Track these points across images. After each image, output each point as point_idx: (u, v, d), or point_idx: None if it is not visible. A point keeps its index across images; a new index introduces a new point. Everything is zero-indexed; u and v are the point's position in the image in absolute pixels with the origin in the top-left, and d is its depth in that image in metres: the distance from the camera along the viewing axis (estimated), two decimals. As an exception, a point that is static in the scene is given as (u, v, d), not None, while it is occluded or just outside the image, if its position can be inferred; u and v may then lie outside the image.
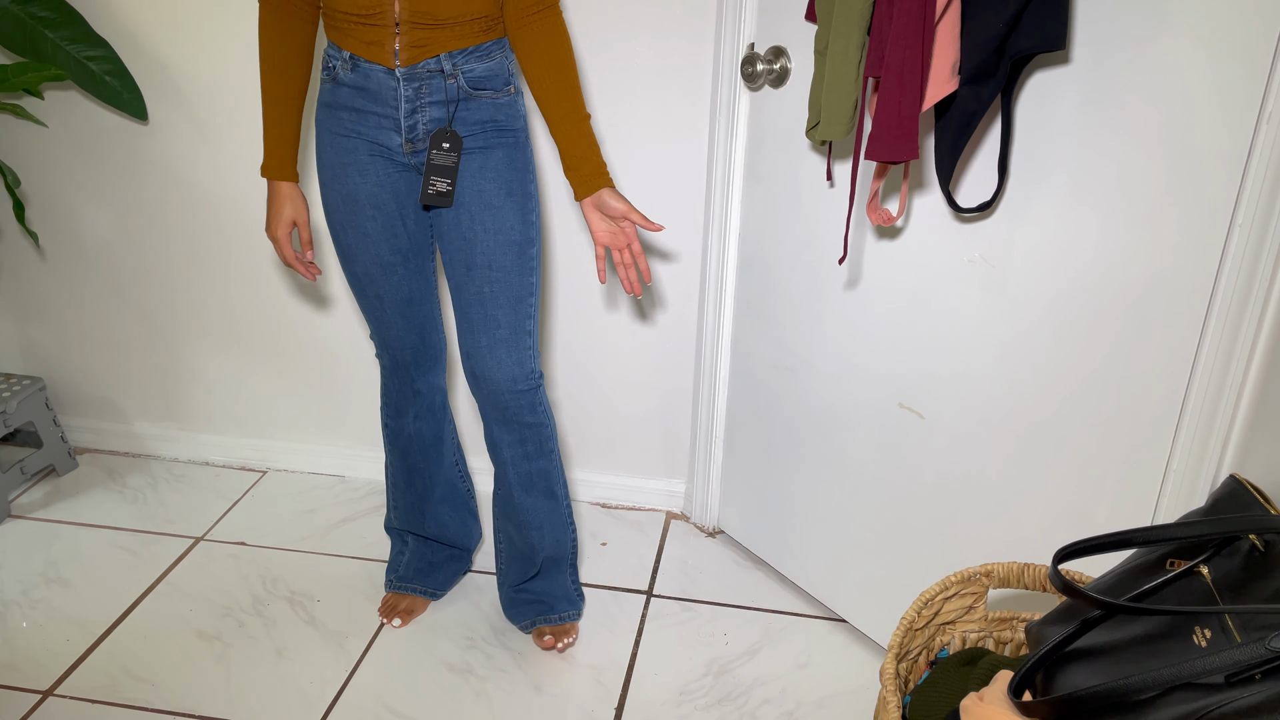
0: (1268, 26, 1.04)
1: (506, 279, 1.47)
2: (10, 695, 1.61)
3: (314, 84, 1.86)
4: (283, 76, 1.42)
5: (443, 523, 1.80)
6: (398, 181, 1.47)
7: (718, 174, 1.76)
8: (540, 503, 1.63)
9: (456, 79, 1.39)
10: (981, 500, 1.47)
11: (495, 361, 1.50)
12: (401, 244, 1.51)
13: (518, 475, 1.60)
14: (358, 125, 1.42)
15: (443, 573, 1.84)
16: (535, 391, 1.54)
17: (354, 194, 1.46)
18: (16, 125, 2.02)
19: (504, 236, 1.45)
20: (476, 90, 1.41)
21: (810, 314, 1.67)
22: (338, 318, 2.09)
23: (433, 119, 1.41)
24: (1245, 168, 1.08)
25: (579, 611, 1.77)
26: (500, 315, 1.48)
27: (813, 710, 1.61)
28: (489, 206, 1.44)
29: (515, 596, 1.75)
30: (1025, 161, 1.28)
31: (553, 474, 1.62)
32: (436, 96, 1.39)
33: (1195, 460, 1.21)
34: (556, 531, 1.67)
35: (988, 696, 0.96)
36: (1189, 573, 0.94)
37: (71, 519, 2.08)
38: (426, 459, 1.72)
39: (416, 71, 1.37)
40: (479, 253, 1.45)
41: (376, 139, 1.43)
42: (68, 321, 2.22)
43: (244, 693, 1.63)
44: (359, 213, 1.48)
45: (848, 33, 1.24)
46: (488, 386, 1.52)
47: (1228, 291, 1.13)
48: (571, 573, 1.74)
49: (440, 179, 1.42)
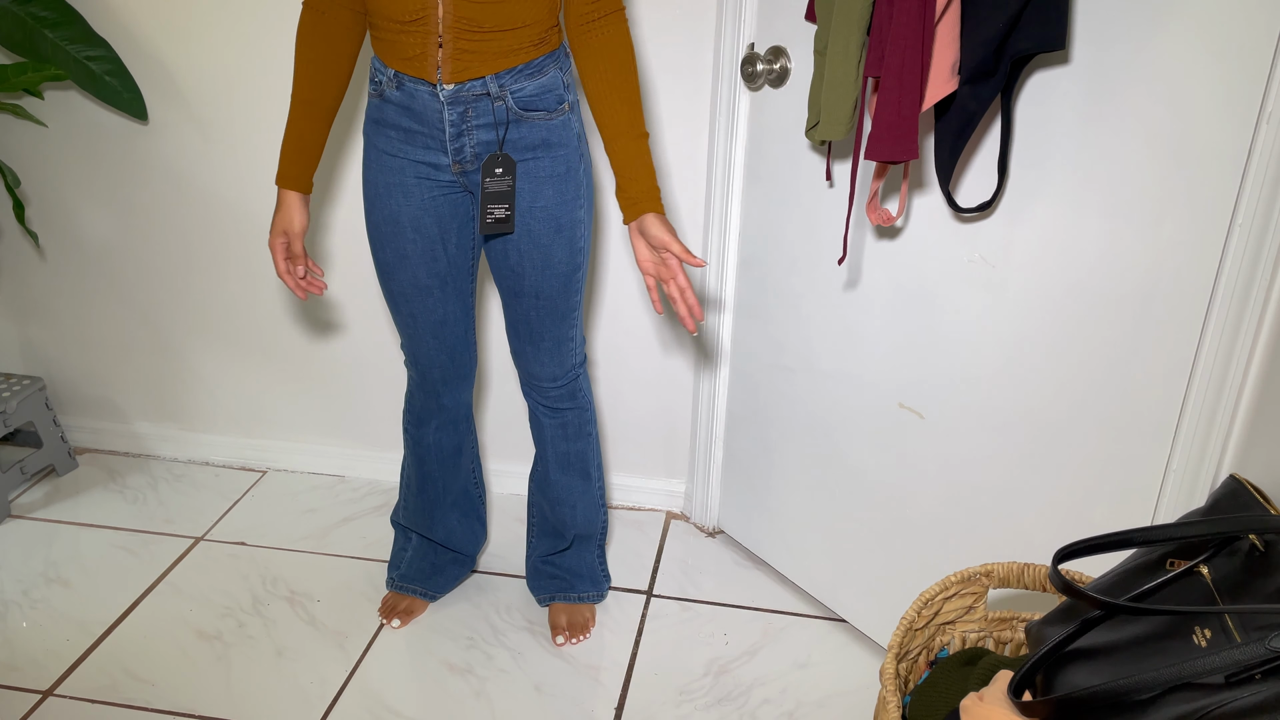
0: (1268, 26, 1.04)
1: (552, 305, 1.49)
2: (10, 695, 1.61)
3: (360, 97, 1.86)
4: (313, 84, 1.39)
5: (450, 528, 1.80)
6: (442, 205, 1.44)
7: (718, 174, 1.76)
8: (575, 482, 1.69)
9: (505, 100, 1.34)
10: (981, 500, 1.47)
11: (539, 365, 1.57)
12: (440, 268, 1.49)
13: (555, 454, 1.67)
14: (404, 145, 1.39)
15: (444, 576, 1.84)
16: (575, 381, 1.61)
17: (396, 216, 1.44)
18: (16, 125, 2.02)
19: (551, 270, 1.46)
20: (527, 111, 1.36)
21: (810, 314, 1.67)
22: (339, 318, 2.09)
23: (480, 142, 1.37)
24: (1245, 168, 1.08)
25: (601, 593, 1.80)
26: (545, 331, 1.53)
27: (813, 710, 1.61)
28: (537, 245, 1.43)
29: (540, 568, 1.79)
30: (1025, 161, 1.28)
31: (589, 456, 1.69)
32: (484, 119, 1.35)
33: (1195, 460, 1.21)
34: (588, 511, 1.73)
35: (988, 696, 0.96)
36: (1189, 573, 0.94)
37: (71, 519, 2.08)
38: (443, 468, 1.73)
39: (462, 94, 1.33)
40: (527, 284, 1.47)
41: (424, 159, 1.40)
42: (68, 321, 2.22)
43: (244, 693, 1.63)
44: (400, 234, 1.46)
45: (848, 33, 1.24)
46: (533, 381, 1.61)
47: (1228, 292, 1.13)
48: (600, 554, 1.80)
49: (497, 206, 1.39)
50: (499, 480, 2.19)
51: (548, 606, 1.81)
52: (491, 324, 2.03)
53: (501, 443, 2.16)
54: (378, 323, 2.08)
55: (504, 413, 2.12)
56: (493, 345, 2.05)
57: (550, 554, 1.79)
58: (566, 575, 1.78)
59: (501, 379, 2.09)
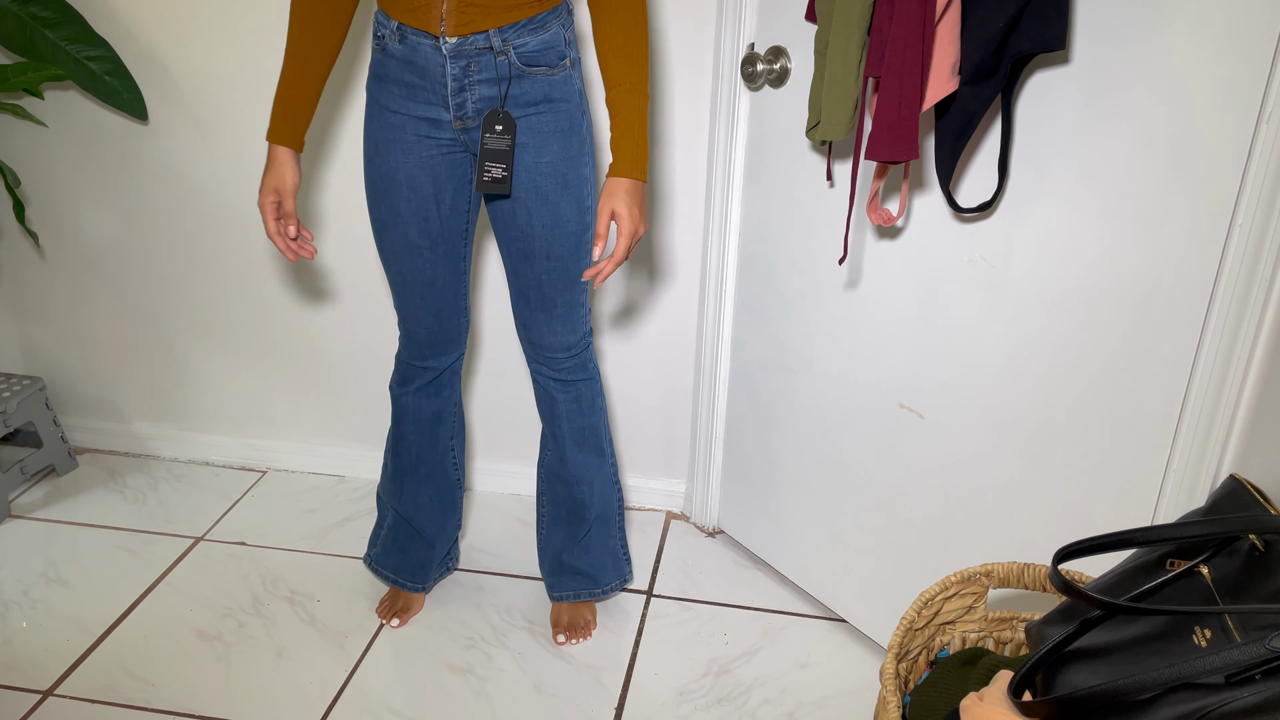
0: (1268, 26, 1.04)
1: (565, 266, 1.48)
2: (10, 695, 1.61)
3: (362, 53, 1.85)
4: (307, 38, 1.37)
5: (420, 504, 1.75)
6: (439, 164, 1.44)
7: (718, 174, 1.76)
8: (591, 458, 1.68)
9: (507, 55, 1.34)
10: (981, 500, 1.47)
11: (551, 334, 1.56)
12: (432, 228, 1.49)
13: (571, 430, 1.66)
14: (406, 101, 1.39)
15: (408, 557, 1.78)
16: (586, 351, 1.61)
17: (393, 172, 1.44)
18: (16, 125, 2.02)
19: (561, 229, 1.45)
20: (530, 67, 1.35)
21: (810, 314, 1.67)
22: (339, 318, 2.09)
23: (482, 97, 1.37)
24: (1245, 168, 1.08)
25: (625, 576, 1.81)
26: (558, 296, 1.51)
27: (813, 710, 1.61)
28: (546, 203, 1.43)
29: (563, 564, 1.76)
30: (1025, 161, 1.28)
31: (601, 430, 1.68)
32: (486, 74, 1.35)
33: (1195, 460, 1.21)
34: (605, 488, 1.72)
35: (988, 696, 0.96)
36: (1189, 573, 0.94)
37: (71, 519, 2.08)
38: (420, 433, 1.70)
39: (464, 48, 1.33)
40: (537, 245, 1.46)
41: (425, 114, 1.39)
42: (68, 321, 2.22)
43: (244, 693, 1.63)
44: (394, 191, 1.46)
45: (848, 33, 1.24)
46: (544, 353, 1.59)
47: (1228, 291, 1.13)
48: (620, 535, 1.79)
49: (495, 164, 1.38)
50: (498, 480, 2.19)
51: (551, 605, 1.80)
52: (487, 323, 2.03)
53: (500, 442, 2.16)
54: (378, 323, 2.08)
55: (503, 412, 2.12)
56: (492, 344, 2.05)
57: (570, 544, 1.74)
58: (590, 570, 1.75)
59: (500, 378, 2.08)
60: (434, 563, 1.81)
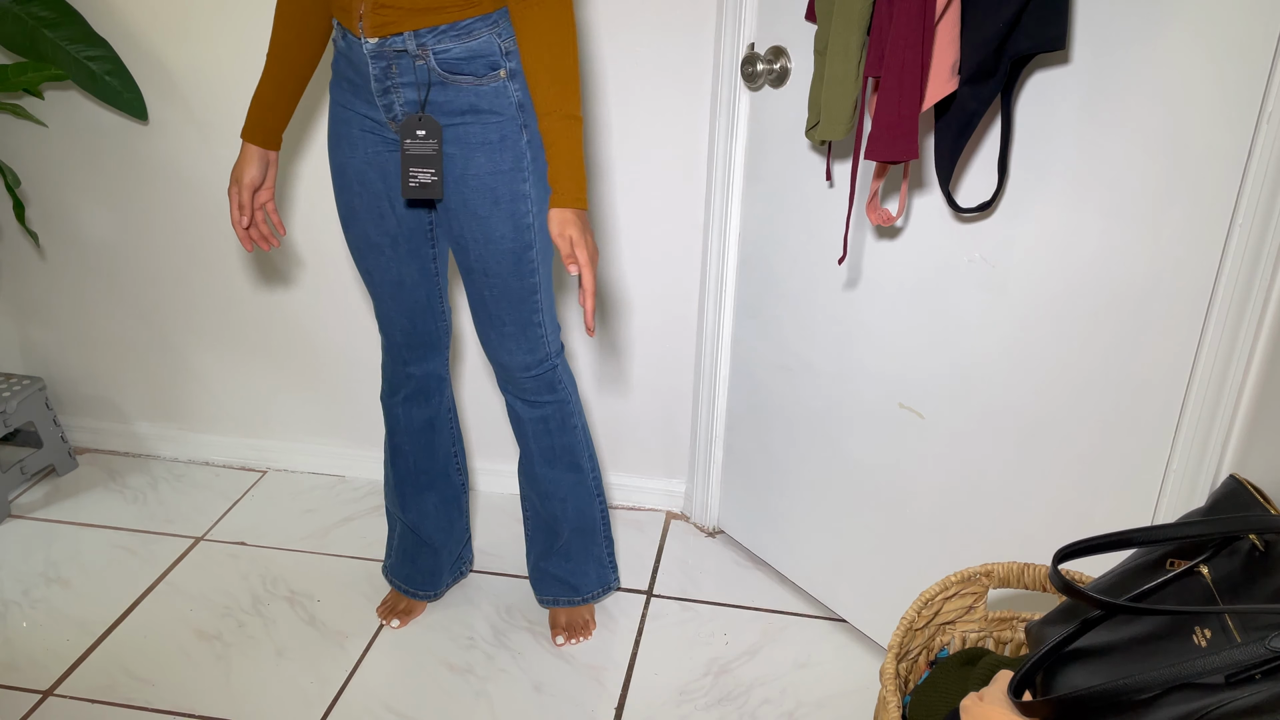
0: (1268, 26, 1.04)
1: (504, 284, 1.44)
2: (10, 695, 1.61)
3: None
4: (283, 42, 1.38)
5: (424, 511, 1.74)
6: (387, 161, 1.42)
7: (718, 174, 1.76)
8: (563, 475, 1.65)
9: (426, 60, 1.30)
10: (981, 500, 1.47)
11: (506, 351, 1.51)
12: (389, 226, 1.47)
13: (539, 449, 1.62)
14: (351, 97, 1.39)
15: (417, 568, 1.78)
16: (551, 373, 1.55)
17: (344, 166, 1.45)
18: (16, 125, 2.02)
19: (495, 246, 1.40)
20: (453, 75, 1.31)
21: (810, 314, 1.67)
22: (338, 318, 2.09)
23: (407, 100, 1.34)
24: (1245, 168, 1.08)
25: (610, 584, 1.79)
26: (504, 314, 1.47)
27: (813, 710, 1.61)
28: (475, 217, 1.38)
29: (544, 570, 1.75)
30: (1025, 161, 1.28)
31: (577, 448, 1.64)
32: (407, 78, 1.32)
33: (1195, 460, 1.21)
34: (581, 503, 1.68)
35: (988, 696, 0.96)
36: (1189, 573, 0.94)
37: (71, 519, 2.08)
38: (414, 443, 1.69)
39: (384, 49, 1.30)
40: (473, 259, 1.42)
41: (366, 112, 1.39)
42: (68, 321, 2.22)
43: (244, 693, 1.63)
44: (347, 187, 1.46)
45: (848, 32, 1.24)
46: (503, 372, 1.55)
47: (1228, 291, 1.13)
48: (605, 544, 1.76)
49: (421, 170, 1.34)
50: (497, 480, 2.19)
51: (549, 609, 1.80)
52: (491, 324, 2.02)
53: (499, 442, 2.16)
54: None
55: (500, 412, 2.12)
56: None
57: (549, 552, 1.74)
58: (570, 578, 1.75)
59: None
60: (444, 569, 1.81)
